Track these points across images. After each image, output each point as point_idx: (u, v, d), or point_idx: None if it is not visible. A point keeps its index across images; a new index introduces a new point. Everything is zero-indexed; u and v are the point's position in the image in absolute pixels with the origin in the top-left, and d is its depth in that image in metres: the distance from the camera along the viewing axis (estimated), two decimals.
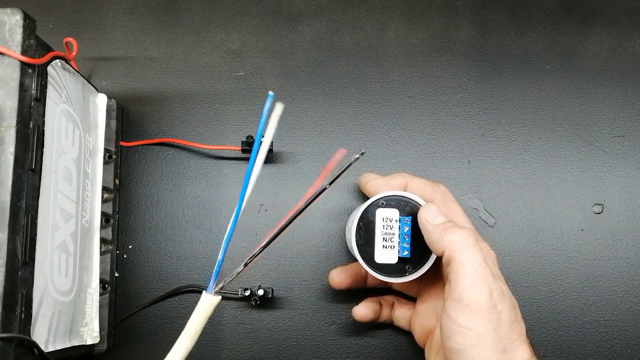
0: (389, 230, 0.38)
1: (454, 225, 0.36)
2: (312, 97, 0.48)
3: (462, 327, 0.34)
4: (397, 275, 0.38)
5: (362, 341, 0.45)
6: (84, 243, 0.42)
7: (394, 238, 0.38)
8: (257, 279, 0.46)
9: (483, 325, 0.33)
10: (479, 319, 0.34)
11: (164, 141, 0.47)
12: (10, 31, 0.33)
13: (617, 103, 0.48)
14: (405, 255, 0.38)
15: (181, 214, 0.47)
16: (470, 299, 0.34)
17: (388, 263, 0.38)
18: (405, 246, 0.38)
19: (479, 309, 0.34)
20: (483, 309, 0.34)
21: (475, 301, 0.34)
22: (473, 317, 0.34)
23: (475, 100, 0.48)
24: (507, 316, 0.34)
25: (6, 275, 0.30)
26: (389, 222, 0.38)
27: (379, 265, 0.38)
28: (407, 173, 0.42)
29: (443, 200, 0.41)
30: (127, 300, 0.45)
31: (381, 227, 0.38)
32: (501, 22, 0.50)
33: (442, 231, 0.35)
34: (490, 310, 0.34)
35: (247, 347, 0.45)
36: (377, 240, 0.38)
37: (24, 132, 0.33)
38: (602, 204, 0.47)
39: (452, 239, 0.35)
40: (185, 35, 0.49)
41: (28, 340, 0.32)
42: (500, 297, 0.34)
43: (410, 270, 0.38)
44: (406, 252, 0.38)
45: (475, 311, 0.34)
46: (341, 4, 0.50)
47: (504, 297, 0.35)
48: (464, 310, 0.34)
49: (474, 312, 0.34)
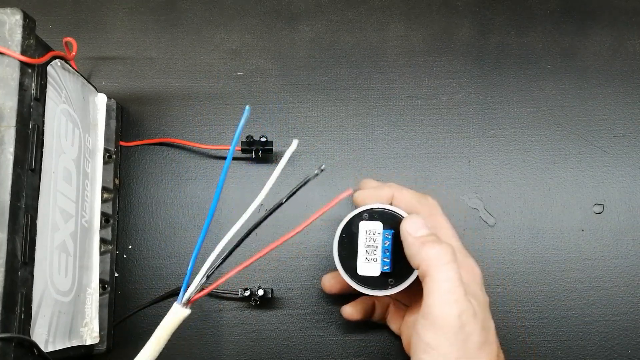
0: (371, 243, 0.38)
1: (434, 240, 0.35)
2: (312, 97, 0.48)
3: (427, 345, 0.33)
4: (379, 288, 0.38)
5: (362, 341, 0.45)
6: (84, 243, 0.42)
7: (377, 251, 0.38)
8: (257, 279, 0.46)
9: (448, 345, 0.33)
10: (444, 339, 0.33)
11: (164, 141, 0.47)
12: (10, 31, 0.33)
13: (617, 103, 0.48)
14: (385, 270, 0.37)
15: (181, 214, 0.47)
16: (438, 316, 0.33)
17: (371, 276, 0.38)
18: (386, 261, 0.37)
19: (445, 328, 0.33)
20: (449, 328, 0.33)
21: (442, 319, 0.33)
22: (438, 336, 0.33)
23: (475, 100, 0.48)
24: (477, 337, 0.34)
25: (6, 275, 0.30)
26: (372, 234, 0.38)
27: (361, 277, 0.38)
28: (395, 184, 0.41)
29: (430, 214, 0.40)
30: (127, 300, 0.45)
31: (364, 240, 0.38)
32: (501, 22, 0.50)
33: (420, 244, 0.35)
34: (457, 331, 0.33)
35: (247, 347, 0.45)
36: (360, 252, 0.38)
37: (24, 132, 0.33)
38: (603, 204, 0.47)
39: (430, 254, 0.34)
40: (185, 35, 0.49)
41: (28, 341, 0.32)
42: (471, 318, 0.33)
43: (392, 283, 0.38)
44: (387, 267, 0.37)
45: (441, 330, 0.33)
46: (341, 4, 0.50)
47: (476, 318, 0.34)
48: (431, 327, 0.33)
49: (440, 331, 0.33)
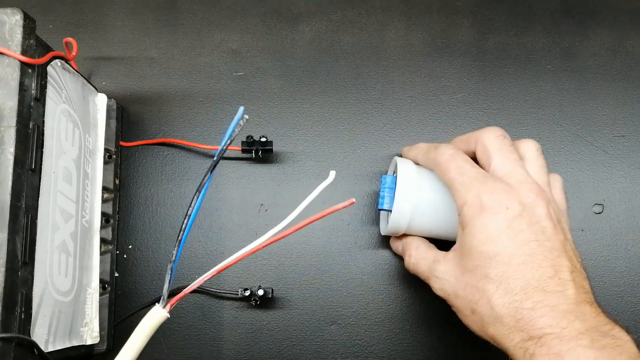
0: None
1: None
2: (312, 97, 0.48)
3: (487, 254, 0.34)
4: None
5: (362, 341, 0.45)
6: (84, 243, 0.42)
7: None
8: (257, 279, 0.46)
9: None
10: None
11: (164, 141, 0.47)
12: (10, 31, 0.33)
13: (617, 103, 0.48)
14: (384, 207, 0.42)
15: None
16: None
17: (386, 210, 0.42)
18: (382, 197, 0.42)
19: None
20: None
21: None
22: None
23: (475, 100, 0.48)
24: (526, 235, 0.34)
25: (6, 276, 0.30)
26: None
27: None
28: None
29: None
30: (127, 300, 0.45)
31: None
32: (501, 22, 0.50)
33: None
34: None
35: (247, 347, 0.45)
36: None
37: (24, 132, 0.33)
38: (602, 204, 0.47)
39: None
40: (185, 35, 0.49)
41: (28, 340, 0.32)
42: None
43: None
44: (385, 204, 0.41)
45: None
46: (341, 4, 0.50)
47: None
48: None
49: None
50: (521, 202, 0.34)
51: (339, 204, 0.32)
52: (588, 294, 0.33)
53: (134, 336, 0.34)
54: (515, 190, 0.35)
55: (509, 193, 0.34)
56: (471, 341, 0.45)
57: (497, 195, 0.34)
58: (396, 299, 0.46)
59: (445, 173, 0.37)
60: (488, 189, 0.35)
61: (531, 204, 0.34)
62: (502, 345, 0.33)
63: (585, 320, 0.31)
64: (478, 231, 0.34)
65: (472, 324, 0.35)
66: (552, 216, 0.35)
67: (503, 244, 0.33)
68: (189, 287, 0.34)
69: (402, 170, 0.41)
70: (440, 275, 0.37)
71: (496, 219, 0.34)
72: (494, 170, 0.36)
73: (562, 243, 0.34)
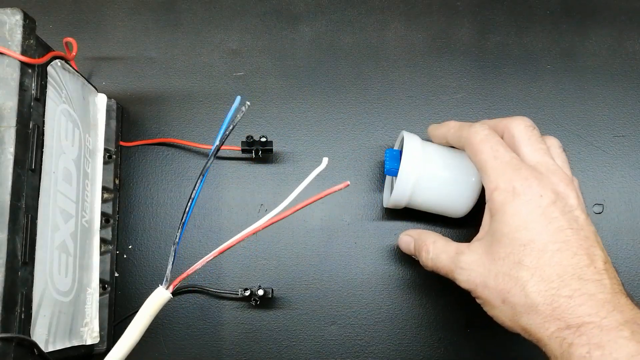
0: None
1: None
2: (312, 97, 0.48)
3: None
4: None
5: (362, 341, 0.45)
6: (84, 243, 0.42)
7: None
8: (257, 279, 0.46)
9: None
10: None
11: (164, 141, 0.47)
12: (10, 31, 0.33)
13: (617, 103, 0.48)
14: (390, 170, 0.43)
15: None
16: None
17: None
18: (387, 163, 0.43)
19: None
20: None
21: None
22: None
23: (475, 100, 0.48)
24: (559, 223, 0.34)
25: (6, 276, 0.30)
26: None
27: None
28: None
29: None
30: (127, 300, 0.45)
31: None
32: (501, 22, 0.50)
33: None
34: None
35: (247, 347, 0.45)
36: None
37: (24, 132, 0.33)
38: (602, 204, 0.47)
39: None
40: (185, 35, 0.49)
41: (28, 340, 0.32)
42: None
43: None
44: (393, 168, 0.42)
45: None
46: (341, 4, 0.50)
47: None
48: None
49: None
50: (554, 190, 0.34)
51: (335, 187, 0.33)
52: (621, 286, 0.32)
53: (138, 316, 0.35)
54: (548, 179, 0.34)
55: (542, 181, 0.34)
56: (471, 341, 0.45)
57: (530, 182, 0.34)
58: (396, 299, 0.46)
59: (477, 154, 0.36)
60: (522, 175, 0.34)
61: (563, 193, 0.34)
62: (535, 335, 0.32)
63: (624, 312, 0.30)
64: (510, 218, 0.33)
65: (501, 314, 0.34)
66: (583, 207, 0.34)
67: (537, 230, 0.33)
68: (191, 268, 0.35)
69: (408, 141, 0.42)
70: (466, 266, 0.35)
71: (529, 205, 0.33)
72: (524, 159, 0.36)
73: (594, 233, 0.34)
